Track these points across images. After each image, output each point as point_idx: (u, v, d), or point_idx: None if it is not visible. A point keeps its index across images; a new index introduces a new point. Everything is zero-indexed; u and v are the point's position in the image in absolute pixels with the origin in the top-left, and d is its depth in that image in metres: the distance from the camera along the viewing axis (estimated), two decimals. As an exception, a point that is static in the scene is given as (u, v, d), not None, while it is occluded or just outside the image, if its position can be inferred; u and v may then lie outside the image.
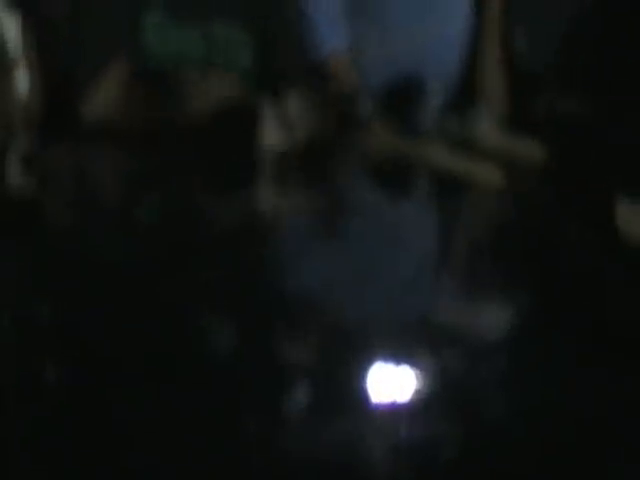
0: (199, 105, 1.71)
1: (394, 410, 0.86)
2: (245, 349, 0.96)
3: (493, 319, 1.08)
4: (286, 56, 1.96)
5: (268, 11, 1.84)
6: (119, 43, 1.73)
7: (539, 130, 1.83)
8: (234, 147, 1.69)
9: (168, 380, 0.86)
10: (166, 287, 1.08)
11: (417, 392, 0.88)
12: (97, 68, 1.68)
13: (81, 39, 1.72)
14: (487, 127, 2.05)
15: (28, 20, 2.07)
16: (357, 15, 2.11)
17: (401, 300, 1.14)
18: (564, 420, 0.82)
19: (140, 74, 1.73)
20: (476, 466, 0.76)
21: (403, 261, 1.28)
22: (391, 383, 0.89)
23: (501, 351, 1.00)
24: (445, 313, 1.11)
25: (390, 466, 0.77)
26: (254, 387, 0.87)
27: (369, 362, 0.93)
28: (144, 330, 0.96)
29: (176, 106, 1.70)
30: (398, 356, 0.94)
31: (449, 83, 2.16)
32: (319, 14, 2.06)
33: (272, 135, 1.70)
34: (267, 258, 1.28)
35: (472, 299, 1.16)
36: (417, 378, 0.90)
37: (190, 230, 1.29)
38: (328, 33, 2.07)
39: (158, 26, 1.77)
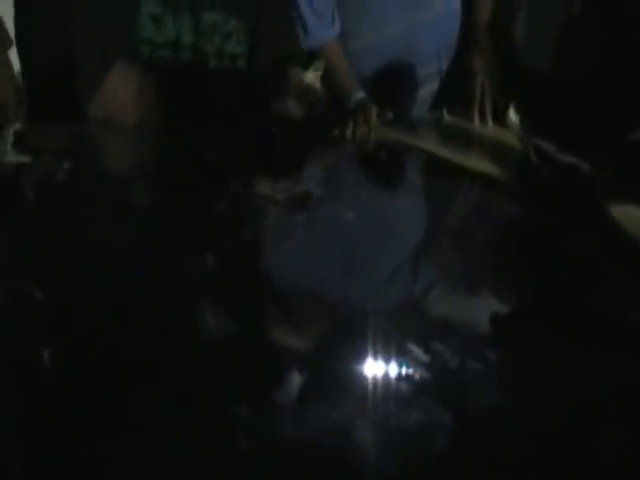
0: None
1: (385, 398, 0.86)
2: (235, 335, 0.96)
3: (485, 310, 1.08)
4: (277, 44, 1.96)
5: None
6: (115, 31, 1.73)
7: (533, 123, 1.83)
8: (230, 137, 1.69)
9: (161, 365, 0.86)
10: (161, 272, 1.08)
11: (408, 381, 0.88)
12: (94, 55, 1.68)
13: (78, 25, 1.71)
14: (479, 116, 2.05)
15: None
16: (349, 2, 2.10)
17: (392, 289, 1.14)
18: (555, 409, 0.83)
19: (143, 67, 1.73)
20: (466, 455, 0.77)
21: (394, 249, 1.28)
22: (383, 371, 0.90)
23: (493, 341, 1.00)
24: (437, 303, 1.12)
25: (380, 453, 0.77)
26: (246, 373, 0.87)
27: (360, 350, 0.93)
28: (137, 316, 0.96)
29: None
30: (389, 345, 0.94)
31: (442, 70, 2.16)
32: (308, 4, 2.04)
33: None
34: (259, 244, 1.28)
35: (464, 289, 1.17)
36: (409, 367, 0.90)
37: (187, 216, 1.29)
38: (319, 22, 2.06)
39: (153, 16, 1.78)
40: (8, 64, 2.05)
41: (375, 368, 0.90)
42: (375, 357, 0.92)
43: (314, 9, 2.03)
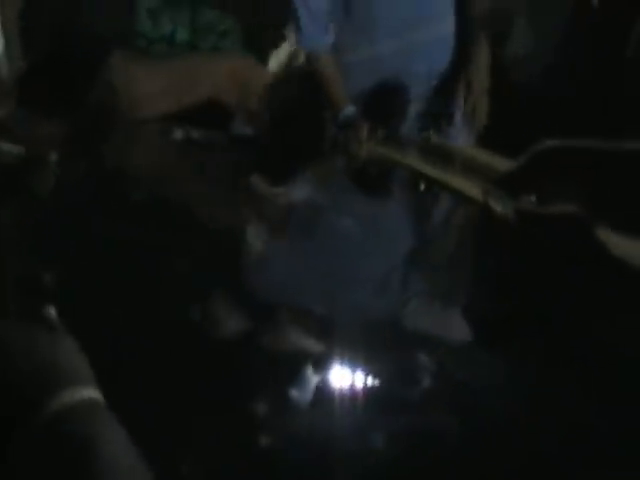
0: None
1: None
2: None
3: (463, 324, 1.09)
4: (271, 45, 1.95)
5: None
6: (114, 23, 1.70)
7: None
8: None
9: (176, 364, 0.84)
10: (169, 272, 1.05)
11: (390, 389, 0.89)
12: (91, 48, 1.64)
13: (76, 18, 1.68)
14: (466, 140, 2.05)
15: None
16: (345, 15, 2.09)
17: (373, 300, 1.15)
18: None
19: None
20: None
21: (378, 262, 1.28)
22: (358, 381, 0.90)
23: (478, 354, 1.01)
24: (417, 316, 1.11)
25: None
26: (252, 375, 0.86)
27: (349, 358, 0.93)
28: (146, 313, 0.94)
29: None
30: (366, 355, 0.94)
31: (434, 89, 2.16)
32: (305, 7, 2.04)
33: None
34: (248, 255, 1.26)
35: (443, 303, 1.17)
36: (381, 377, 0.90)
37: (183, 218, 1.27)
38: (312, 22, 2.04)
39: (150, 10, 1.76)
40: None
41: (361, 376, 0.90)
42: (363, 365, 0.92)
43: (309, 8, 2.02)
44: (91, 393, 0.44)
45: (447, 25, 2.10)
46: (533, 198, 1.49)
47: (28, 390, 0.41)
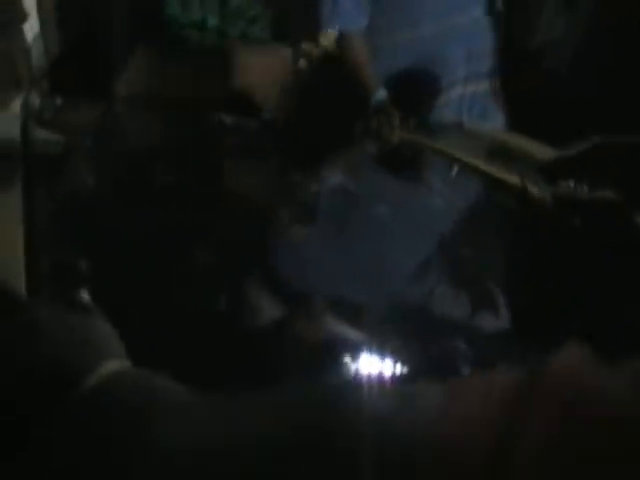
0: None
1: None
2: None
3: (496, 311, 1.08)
4: (300, 30, 1.94)
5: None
6: (144, 7, 1.70)
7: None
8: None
9: (210, 352, 0.84)
10: (204, 259, 1.06)
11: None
12: (121, 33, 1.65)
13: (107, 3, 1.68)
14: (502, 126, 2.03)
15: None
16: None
17: (407, 287, 1.14)
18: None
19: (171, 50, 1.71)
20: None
21: (412, 249, 1.27)
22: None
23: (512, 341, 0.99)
24: (449, 304, 1.11)
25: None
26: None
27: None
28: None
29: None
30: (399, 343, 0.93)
31: (468, 77, 2.13)
32: None
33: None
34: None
35: (475, 290, 1.16)
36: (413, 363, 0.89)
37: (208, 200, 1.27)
38: (349, 5, 2.01)
39: None
40: (22, 37, 2.01)
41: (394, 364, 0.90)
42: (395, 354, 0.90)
43: None
44: (128, 365, 0.44)
45: (482, 7, 2.07)
46: (571, 184, 1.49)
47: (63, 367, 0.41)
